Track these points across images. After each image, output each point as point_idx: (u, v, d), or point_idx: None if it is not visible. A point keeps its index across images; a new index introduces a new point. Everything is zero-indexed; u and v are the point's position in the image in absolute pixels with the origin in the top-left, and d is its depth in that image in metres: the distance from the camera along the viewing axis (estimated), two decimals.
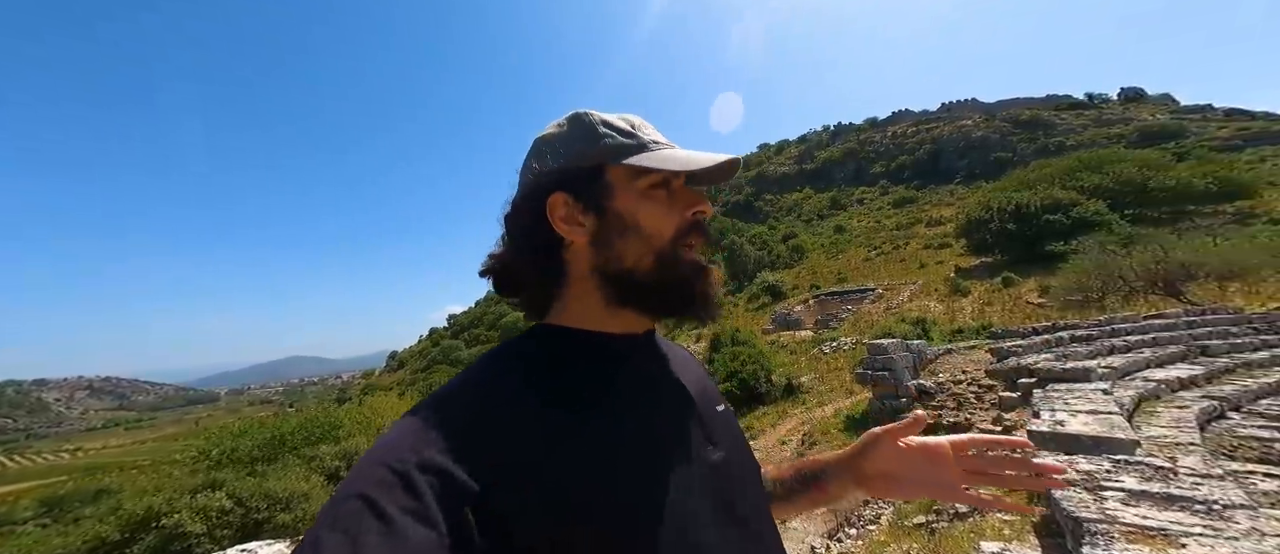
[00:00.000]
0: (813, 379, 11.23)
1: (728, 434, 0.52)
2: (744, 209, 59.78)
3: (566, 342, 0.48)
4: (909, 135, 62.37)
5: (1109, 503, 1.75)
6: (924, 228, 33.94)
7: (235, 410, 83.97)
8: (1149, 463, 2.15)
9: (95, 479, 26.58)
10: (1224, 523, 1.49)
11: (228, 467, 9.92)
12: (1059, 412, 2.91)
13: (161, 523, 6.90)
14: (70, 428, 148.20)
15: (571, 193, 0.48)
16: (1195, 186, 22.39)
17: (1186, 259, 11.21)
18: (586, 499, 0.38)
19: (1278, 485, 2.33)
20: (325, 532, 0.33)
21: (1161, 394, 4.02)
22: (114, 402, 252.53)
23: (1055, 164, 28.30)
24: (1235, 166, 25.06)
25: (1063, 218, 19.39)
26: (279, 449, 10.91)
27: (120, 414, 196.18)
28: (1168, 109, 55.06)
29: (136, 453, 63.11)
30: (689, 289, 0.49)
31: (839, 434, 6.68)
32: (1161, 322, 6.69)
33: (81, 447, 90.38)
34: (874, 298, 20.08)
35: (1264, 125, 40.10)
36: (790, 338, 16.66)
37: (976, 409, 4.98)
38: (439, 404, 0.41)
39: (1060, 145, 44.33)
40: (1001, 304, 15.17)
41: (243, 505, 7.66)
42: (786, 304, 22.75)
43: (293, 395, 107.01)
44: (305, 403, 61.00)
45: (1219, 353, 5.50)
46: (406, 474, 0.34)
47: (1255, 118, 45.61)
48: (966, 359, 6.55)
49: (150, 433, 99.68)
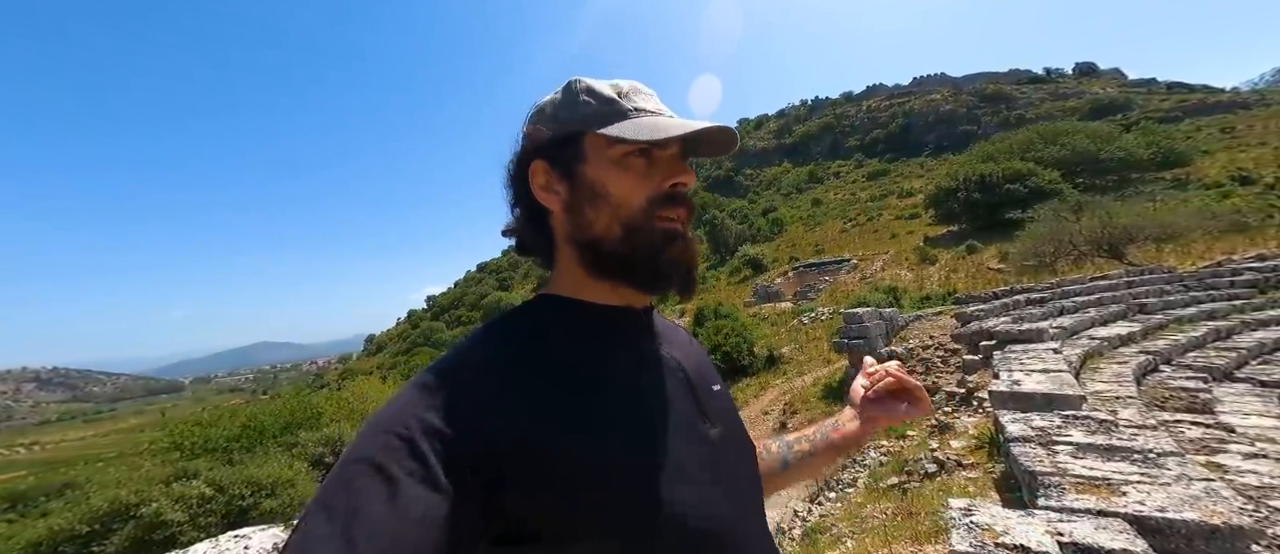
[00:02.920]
0: (793, 350, 11.66)
1: (724, 412, 0.53)
2: (725, 184, 59.93)
3: (563, 311, 0.49)
4: (883, 110, 63.31)
5: (1060, 456, 1.94)
6: (896, 199, 34.95)
7: (203, 399, 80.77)
8: (1093, 417, 2.38)
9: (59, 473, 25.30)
10: (1158, 470, 1.68)
11: (202, 456, 9.64)
12: (1016, 372, 3.15)
13: (139, 513, 6.71)
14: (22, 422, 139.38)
15: (548, 160, 0.48)
16: (1139, 156, 23.81)
17: (1129, 223, 12.05)
18: (583, 468, 0.39)
19: (1202, 432, 2.63)
20: (335, 494, 0.34)
21: (1104, 351, 4.41)
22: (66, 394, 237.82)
23: (1015, 136, 29.40)
24: (1174, 137, 26.65)
25: (1021, 187, 20.39)
26: (257, 437, 10.66)
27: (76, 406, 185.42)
28: (1117, 83, 57.63)
29: (99, 446, 60.16)
30: (657, 260, 0.47)
31: (817, 403, 7.03)
32: (1105, 282, 7.24)
33: (37, 440, 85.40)
34: (850, 268, 20.78)
35: (1201, 97, 42.57)
36: (771, 310, 17.14)
37: (943, 372, 5.33)
38: (441, 373, 0.41)
39: (1021, 118, 45.92)
40: (966, 271, 16.00)
41: (225, 492, 7.53)
42: (767, 277, 23.27)
43: (265, 382, 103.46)
44: (279, 390, 59.18)
45: (1155, 310, 6.02)
46: (411, 439, 0.35)
47: (1194, 90, 48.42)
48: (934, 325, 6.93)
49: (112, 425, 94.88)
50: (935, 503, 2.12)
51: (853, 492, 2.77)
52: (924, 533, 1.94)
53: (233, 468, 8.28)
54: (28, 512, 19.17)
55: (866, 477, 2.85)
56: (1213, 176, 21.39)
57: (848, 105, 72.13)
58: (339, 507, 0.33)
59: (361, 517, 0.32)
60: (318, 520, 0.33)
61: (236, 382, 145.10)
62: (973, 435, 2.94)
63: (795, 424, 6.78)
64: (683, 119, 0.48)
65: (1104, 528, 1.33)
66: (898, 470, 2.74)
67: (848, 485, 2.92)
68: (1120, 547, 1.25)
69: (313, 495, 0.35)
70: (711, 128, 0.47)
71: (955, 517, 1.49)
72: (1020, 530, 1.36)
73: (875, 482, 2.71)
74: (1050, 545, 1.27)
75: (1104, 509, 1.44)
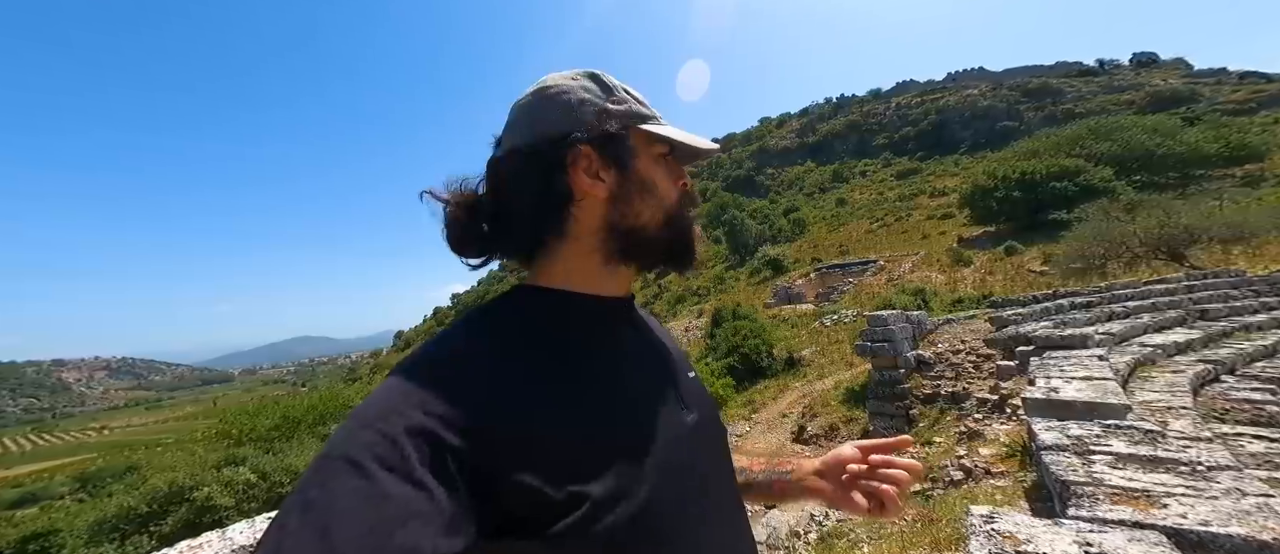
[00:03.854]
0: (813, 352, 11.37)
1: (699, 399, 0.55)
2: (745, 183, 59.15)
3: (546, 302, 0.49)
4: (913, 106, 61.04)
5: (1096, 466, 1.82)
6: (927, 198, 33.62)
7: (250, 390, 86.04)
8: (1139, 427, 2.22)
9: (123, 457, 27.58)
10: (1206, 483, 1.56)
11: (247, 444, 10.32)
12: (1054, 379, 2.97)
13: (192, 496, 7.25)
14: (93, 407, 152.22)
15: (597, 148, 0.48)
16: (1205, 151, 21.96)
17: (1191, 224, 11.11)
18: (568, 456, 0.39)
19: (1265, 447, 2.41)
20: (314, 492, 0.32)
21: (1157, 359, 4.09)
22: (132, 381, 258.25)
23: (1063, 132, 27.77)
24: (1247, 130, 24.45)
25: (1069, 185, 19.16)
26: (295, 427, 11.31)
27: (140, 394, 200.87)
28: (1180, 74, 53.36)
29: (159, 431, 65.06)
30: (688, 243, 0.54)
31: (839, 406, 6.83)
32: (1162, 287, 6.70)
33: (106, 425, 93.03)
34: (876, 270, 20.09)
35: (1278, 87, 38.80)
36: (792, 312, 16.78)
37: (974, 378, 5.07)
38: (421, 365, 0.41)
39: (1069, 113, 43.27)
40: (1004, 273, 15.18)
41: (267, 479, 8.02)
42: (788, 278, 22.79)
43: (304, 375, 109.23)
44: (317, 382, 62.42)
45: (1218, 317, 5.54)
46: (391, 435, 0.35)
47: (1271, 80, 44.13)
48: (966, 329, 6.61)
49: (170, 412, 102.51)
50: (958, 510, 2.03)
51: None
52: (943, 540, 1.86)
53: (274, 456, 8.84)
54: (97, 492, 21.01)
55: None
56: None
57: (876, 102, 69.98)
58: (316, 503, 0.32)
59: (339, 514, 0.31)
60: (294, 517, 0.32)
61: (279, 373, 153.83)
62: (1004, 443, 2.80)
63: (813, 428, 6.60)
64: (693, 134, 0.55)
65: (1137, 541, 1.24)
66: (922, 477, 2.64)
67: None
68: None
69: (292, 492, 0.34)
70: (714, 149, 0.56)
71: (975, 524, 1.43)
72: (1045, 539, 1.29)
73: None
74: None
75: (1140, 521, 1.35)
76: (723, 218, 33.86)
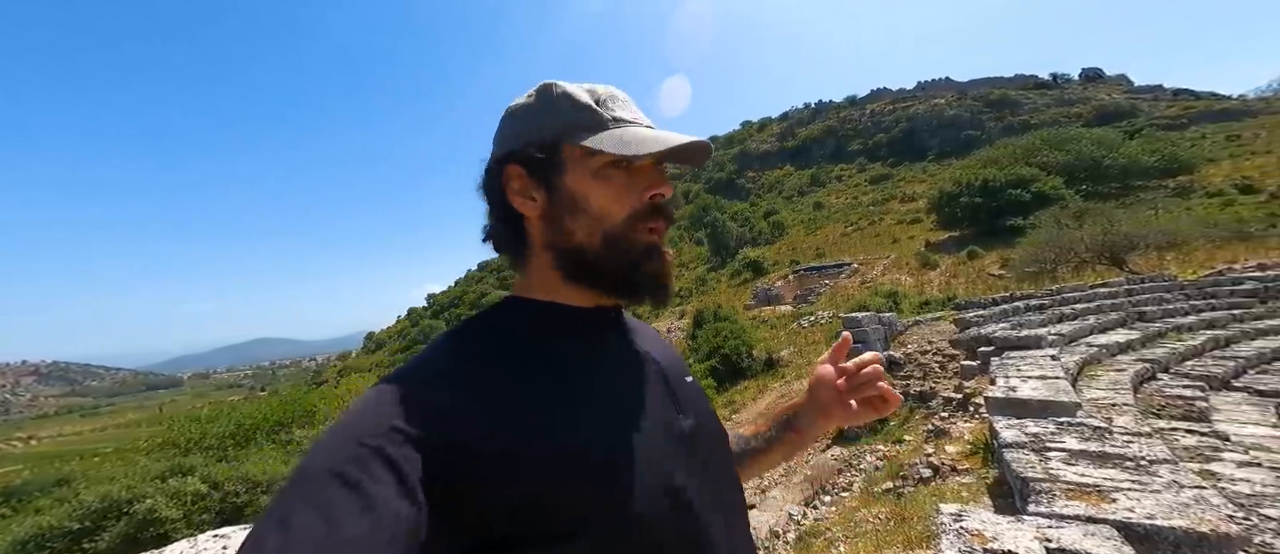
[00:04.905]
0: (792, 353, 11.64)
1: (697, 404, 0.53)
2: (726, 186, 59.86)
3: (533, 313, 0.49)
4: (886, 113, 63.17)
5: (1052, 462, 1.93)
6: (898, 203, 34.91)
7: (202, 395, 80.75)
8: (1088, 424, 2.37)
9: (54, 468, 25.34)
10: (1149, 478, 1.67)
11: (197, 452, 9.68)
12: (1012, 378, 3.14)
13: (132, 509, 6.72)
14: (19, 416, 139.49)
15: (525, 167, 0.48)
16: (1143, 163, 23.77)
17: (1130, 231, 12.02)
18: (555, 465, 0.39)
19: (1197, 441, 2.62)
20: (296, 506, 0.31)
21: (1102, 358, 4.39)
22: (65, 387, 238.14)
23: (1020, 142, 29.36)
24: (1179, 144, 26.61)
25: (1024, 193, 20.35)
26: (251, 434, 10.70)
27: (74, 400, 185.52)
28: (1122, 90, 57.50)
29: (96, 441, 60.23)
30: (635, 272, 0.48)
31: None
32: (1106, 290, 7.21)
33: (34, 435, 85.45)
34: (850, 272, 20.75)
35: (1207, 104, 42.51)
36: (771, 313, 17.12)
37: (940, 378, 5.31)
38: (405, 377, 0.41)
39: (1025, 124, 45.84)
40: (966, 276, 15.97)
41: (219, 489, 7.54)
42: (767, 280, 23.24)
43: (264, 379, 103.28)
44: (277, 386, 59.24)
45: (1154, 318, 6.00)
46: (377, 447, 0.34)
47: (1200, 97, 48.31)
48: (933, 330, 6.91)
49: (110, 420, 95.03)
50: (928, 508, 2.12)
51: (848, 496, 2.77)
52: (915, 538, 1.93)
53: (228, 465, 8.32)
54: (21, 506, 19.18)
55: (862, 481, 2.84)
56: (1216, 185, 21.34)
57: (851, 109, 72.01)
58: (297, 520, 0.31)
59: (322, 529, 0.30)
60: (271, 533, 0.31)
61: (235, 378, 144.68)
62: (968, 441, 2.93)
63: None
64: (661, 132, 0.48)
65: (1091, 535, 1.32)
66: (893, 475, 2.73)
67: (843, 490, 2.92)
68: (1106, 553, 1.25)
69: (270, 506, 0.33)
70: (697, 142, 0.48)
71: (945, 522, 1.49)
72: (1010, 536, 1.35)
73: (870, 486, 2.70)
74: (1038, 552, 1.26)
75: (1093, 516, 1.43)
76: (705, 220, 34.16)
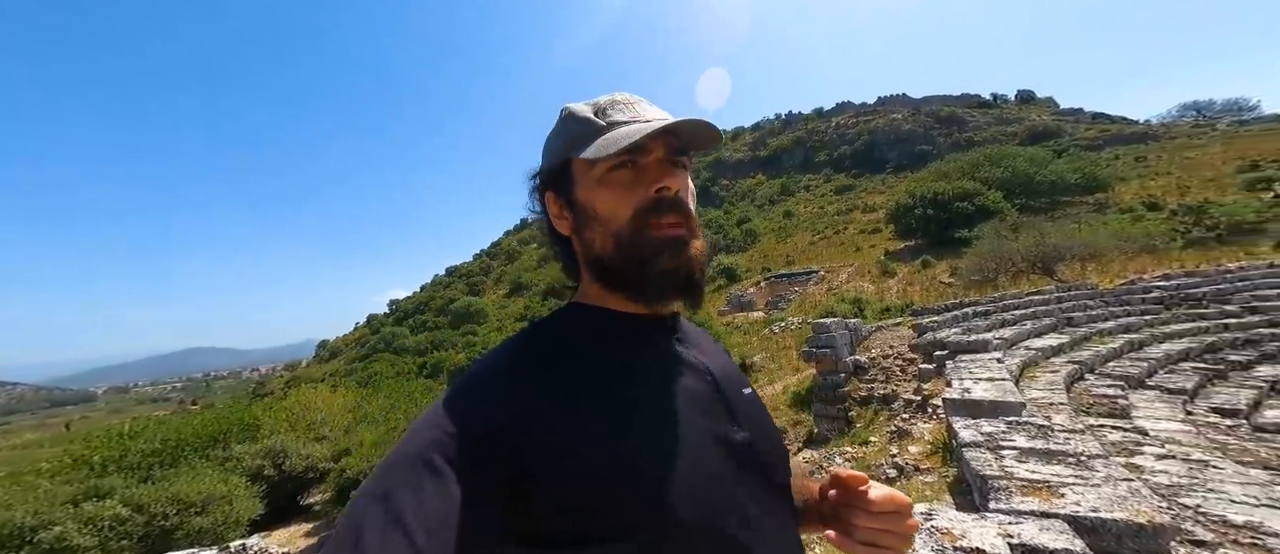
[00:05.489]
0: (764, 358, 11.94)
1: (754, 416, 0.52)
2: (702, 193, 60.87)
3: (589, 318, 0.51)
4: (850, 126, 66.38)
5: (1006, 460, 2.08)
6: (860, 213, 36.69)
7: (120, 411, 72.41)
8: (1033, 422, 2.57)
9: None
10: (1089, 473, 1.83)
11: (116, 473, 8.70)
12: (965, 380, 3.37)
13: (36, 538, 5.93)
14: None
15: (555, 190, 0.52)
16: (1068, 180, 26.28)
17: (1058, 243, 13.24)
18: (602, 468, 0.40)
19: (1121, 436, 2.90)
20: (369, 501, 0.36)
21: (1039, 361, 4.79)
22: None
23: (965, 157, 31.69)
24: (1097, 164, 29.62)
25: (969, 206, 22.00)
26: (180, 451, 9.77)
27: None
28: (1050, 112, 63.44)
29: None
30: (646, 271, 0.47)
31: (787, 409, 7.22)
32: (1039, 297, 7.89)
33: None
34: (818, 279, 21.62)
35: (1119, 128, 47.70)
36: (744, 318, 17.53)
37: (901, 381, 5.61)
38: (472, 380, 0.45)
39: (970, 141, 49.58)
40: (921, 284, 17.01)
41: (144, 512, 6.80)
42: (741, 286, 23.80)
43: (196, 391, 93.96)
44: (213, 398, 54.19)
45: (1080, 324, 6.61)
46: (443, 443, 0.39)
47: (1114, 121, 54.24)
48: (893, 335, 7.31)
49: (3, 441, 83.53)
50: None
51: None
52: None
53: (153, 485, 7.52)
54: None
55: None
56: (1127, 202, 23.90)
57: (819, 121, 75.21)
58: (375, 515, 0.35)
59: (406, 511, 0.35)
60: (376, 510, 0.36)
61: (161, 391, 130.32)
62: (929, 441, 3.10)
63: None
64: (642, 123, 0.47)
65: (1047, 529, 1.43)
66: None
67: None
68: (1062, 546, 1.35)
69: (354, 499, 0.38)
70: (679, 123, 0.46)
71: (918, 522, 1.56)
72: (976, 533, 1.44)
73: None
74: (1002, 547, 1.35)
75: (1046, 511, 1.55)
76: None
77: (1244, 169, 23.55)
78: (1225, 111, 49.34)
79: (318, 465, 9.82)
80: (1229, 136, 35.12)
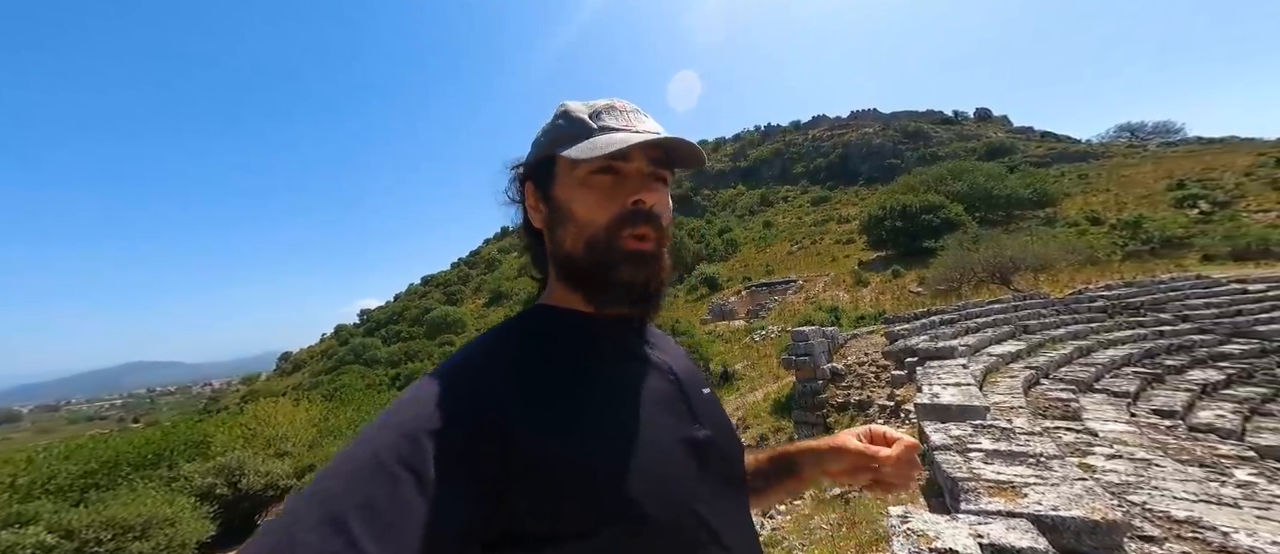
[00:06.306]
0: (745, 366, 12.10)
1: (713, 415, 0.54)
2: (684, 203, 61.72)
3: (556, 318, 0.52)
4: (825, 139, 68.77)
5: (974, 462, 2.18)
6: (836, 224, 37.93)
7: (48, 431, 66.02)
8: (996, 425, 2.71)
9: None
10: (1048, 473, 1.94)
11: (43, 496, 7.95)
12: (934, 386, 3.52)
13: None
14: None
15: (534, 182, 0.53)
16: (1021, 194, 28.04)
17: (1013, 254, 14.07)
18: (569, 466, 0.40)
19: (1074, 437, 3.08)
20: (339, 488, 0.34)
21: (999, 367, 5.06)
22: None
23: (930, 171, 33.37)
24: (1046, 179, 31.75)
25: (935, 218, 23.12)
26: (116, 470, 9.03)
27: None
28: (1004, 129, 67.72)
29: None
30: (610, 277, 0.48)
31: (768, 416, 7.34)
32: (998, 306, 8.35)
33: None
34: (796, 289, 22.16)
35: (1065, 146, 51.42)
36: (726, 327, 17.75)
37: (876, 387, 5.80)
38: (442, 376, 0.44)
39: (934, 155, 52.24)
40: (892, 293, 17.70)
41: (74, 538, 6.24)
42: (722, 295, 24.11)
43: (138, 408, 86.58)
44: (158, 416, 50.19)
45: (1035, 331, 7.02)
46: (414, 436, 0.37)
47: (1060, 139, 58.41)
48: (868, 342, 7.56)
49: None
50: (875, 511, 2.28)
51: (801, 504, 2.91)
52: (866, 541, 2.07)
53: (86, 509, 6.92)
54: None
55: (812, 488, 3.01)
56: (1072, 216, 25.69)
57: (796, 133, 77.49)
58: (336, 496, 0.33)
59: (355, 509, 0.33)
60: (313, 509, 0.33)
61: (97, 409, 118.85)
62: None
63: (745, 439, 7.02)
64: (632, 133, 0.48)
65: (1013, 528, 1.50)
66: None
67: (796, 498, 3.06)
68: (1027, 545, 1.42)
69: (313, 482, 0.36)
70: (668, 139, 0.48)
71: (894, 524, 1.61)
72: (949, 535, 1.49)
73: (821, 493, 2.87)
74: (974, 548, 1.41)
75: (1012, 510, 1.63)
76: None
77: (1172, 187, 25.77)
78: (1155, 133, 53.93)
79: (278, 483, 9.25)
80: (1158, 157, 38.38)
